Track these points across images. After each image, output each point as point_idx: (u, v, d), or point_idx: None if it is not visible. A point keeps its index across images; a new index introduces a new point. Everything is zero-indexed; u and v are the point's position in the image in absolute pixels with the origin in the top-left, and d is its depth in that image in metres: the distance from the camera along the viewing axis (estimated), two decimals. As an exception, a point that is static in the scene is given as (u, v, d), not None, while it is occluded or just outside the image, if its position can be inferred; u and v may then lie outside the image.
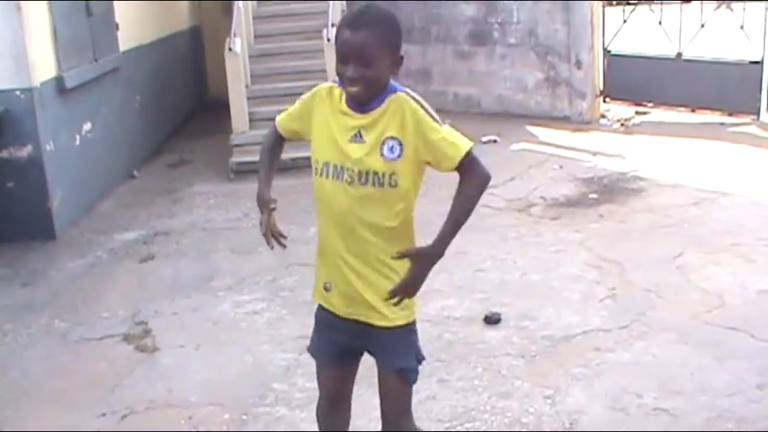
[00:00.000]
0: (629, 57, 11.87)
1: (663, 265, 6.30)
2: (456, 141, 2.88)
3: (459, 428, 4.29)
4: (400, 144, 2.86)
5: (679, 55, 11.28)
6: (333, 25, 10.31)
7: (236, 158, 9.88)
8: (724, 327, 5.24)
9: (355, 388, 3.41)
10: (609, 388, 4.59)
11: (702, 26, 11.05)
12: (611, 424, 4.27)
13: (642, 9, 11.91)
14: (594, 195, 8.14)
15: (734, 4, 11.53)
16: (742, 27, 10.73)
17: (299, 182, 8.84)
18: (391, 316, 3.00)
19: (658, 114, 11.65)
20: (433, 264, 2.90)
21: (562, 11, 11.55)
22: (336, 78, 2.95)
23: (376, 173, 2.87)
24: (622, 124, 11.39)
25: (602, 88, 11.84)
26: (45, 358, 5.46)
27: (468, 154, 2.88)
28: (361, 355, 3.23)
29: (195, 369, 5.15)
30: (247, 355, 5.27)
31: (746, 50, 10.81)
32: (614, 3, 12.85)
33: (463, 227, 2.94)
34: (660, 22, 11.33)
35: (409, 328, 3.08)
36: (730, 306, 5.54)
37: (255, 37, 11.63)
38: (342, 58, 2.82)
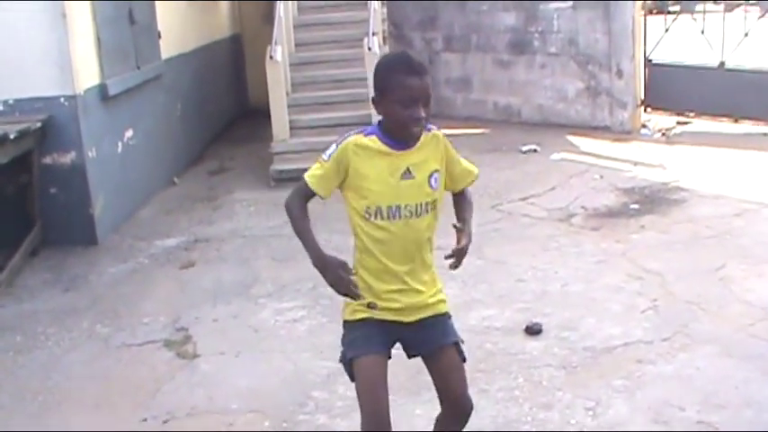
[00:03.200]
0: (670, 66, 11.77)
1: (705, 276, 6.24)
2: (471, 169, 3.47)
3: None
4: (440, 174, 3.29)
5: (722, 64, 11.18)
6: (373, 34, 10.34)
7: (277, 166, 9.93)
8: (768, 340, 5.18)
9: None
10: (651, 400, 4.55)
11: (746, 35, 10.94)
12: (653, 437, 4.23)
13: (684, 18, 11.83)
14: (636, 206, 8.08)
15: (778, 13, 11.44)
16: (786, 36, 10.64)
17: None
18: (440, 305, 3.38)
19: (700, 124, 11.54)
20: (470, 242, 3.33)
21: (603, 20, 11.49)
22: (351, 132, 3.29)
23: (426, 203, 3.24)
24: (663, 134, 11.29)
25: (643, 98, 11.75)
26: (87, 363, 5.51)
27: (474, 178, 3.49)
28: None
29: (235, 376, 5.16)
30: (288, 362, 5.28)
31: (790, 60, 10.71)
32: (656, 12, 12.77)
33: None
34: (702, 31, 11.23)
35: (448, 315, 3.44)
36: (775, 319, 5.47)
37: (296, 45, 11.68)
38: (411, 102, 3.10)
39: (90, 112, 7.71)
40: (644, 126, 11.67)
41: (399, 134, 3.18)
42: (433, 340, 3.36)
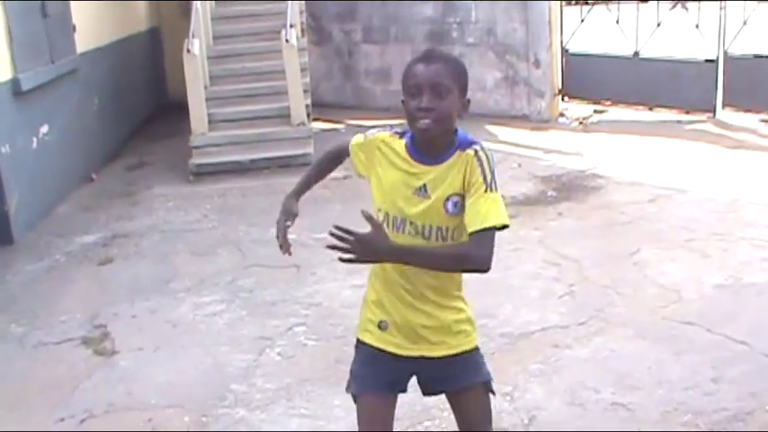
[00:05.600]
0: (586, 56, 11.98)
1: (620, 261, 6.37)
2: (489, 214, 2.73)
3: (418, 427, 4.30)
4: (462, 198, 2.79)
5: (636, 54, 11.40)
6: (291, 26, 10.32)
7: (196, 160, 9.85)
8: (680, 321, 5.30)
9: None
10: (567, 384, 4.63)
11: (659, 25, 11.17)
12: (569, 419, 4.31)
13: (599, 8, 12.04)
14: (553, 193, 8.20)
15: (689, 4, 11.70)
16: (697, 26, 10.88)
17: (257, 183, 8.86)
18: (465, 341, 3.03)
19: (616, 113, 11.77)
20: (381, 252, 2.73)
21: (520, 10, 11.62)
22: (394, 128, 2.97)
23: (440, 228, 2.83)
24: (581, 123, 11.48)
25: (560, 87, 11.93)
26: (2, 363, 5.41)
27: (491, 229, 2.73)
28: (404, 391, 3.13)
29: (154, 371, 5.12)
30: (207, 356, 5.25)
31: (702, 49, 10.94)
32: (572, 2, 12.96)
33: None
34: (617, 22, 11.45)
35: (477, 351, 3.10)
36: (686, 301, 5.61)
37: (214, 38, 11.60)
38: (415, 90, 2.78)
39: (2, 108, 7.56)
40: (561, 115, 11.85)
41: (415, 133, 2.83)
42: (456, 377, 3.05)
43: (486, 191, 2.75)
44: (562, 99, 12.03)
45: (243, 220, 7.86)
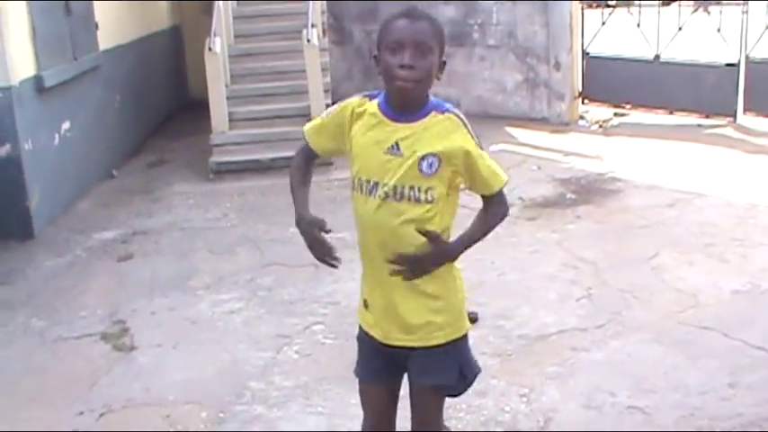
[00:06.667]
0: (607, 59, 11.93)
1: (638, 265, 6.36)
2: (498, 172, 2.90)
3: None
4: (439, 161, 2.77)
5: (657, 57, 11.37)
6: (312, 26, 10.35)
7: (216, 158, 9.89)
8: (697, 326, 5.29)
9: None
10: (583, 386, 4.64)
11: (680, 29, 11.14)
12: (585, 422, 4.32)
13: (620, 11, 11.99)
14: (572, 196, 8.19)
15: (711, 8, 11.66)
16: (719, 30, 10.82)
17: (276, 182, 8.87)
18: (427, 336, 2.92)
19: (636, 116, 11.73)
20: (444, 260, 2.88)
21: (541, 13, 11.61)
22: (365, 93, 2.93)
23: (412, 187, 2.77)
24: (600, 126, 11.46)
25: (580, 90, 11.91)
26: (22, 357, 5.46)
27: (501, 188, 2.93)
28: (405, 371, 3.10)
29: (173, 368, 5.16)
30: (225, 353, 5.29)
31: (723, 53, 10.90)
32: (593, 5, 12.92)
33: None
34: (638, 25, 11.40)
35: (450, 347, 2.97)
36: (704, 306, 5.60)
37: (235, 37, 11.64)
38: (397, 46, 2.73)
39: (25, 104, 7.62)
40: (581, 117, 11.83)
41: (391, 91, 2.79)
42: (414, 373, 3.02)
43: (481, 156, 2.84)
44: (582, 102, 12.01)
45: (262, 219, 7.89)
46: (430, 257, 2.83)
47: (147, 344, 5.50)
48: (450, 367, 2.99)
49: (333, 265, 3.03)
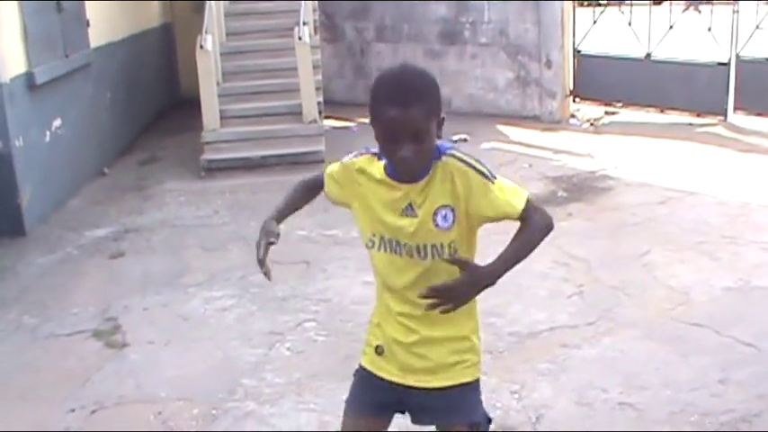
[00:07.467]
0: (598, 57, 11.97)
1: (630, 262, 6.38)
2: (510, 198, 2.66)
3: (426, 423, 4.33)
4: (453, 211, 2.63)
5: (648, 56, 11.40)
6: (304, 23, 10.35)
7: (207, 156, 9.89)
8: (689, 323, 5.32)
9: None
10: (575, 383, 4.65)
11: (671, 27, 11.18)
12: (576, 418, 4.33)
13: (612, 10, 12.03)
14: (563, 194, 8.21)
15: (702, 6, 11.70)
16: (709, 29, 10.86)
17: (269, 180, 8.90)
18: (457, 375, 2.81)
19: (627, 114, 11.77)
20: (482, 286, 2.65)
21: (532, 11, 11.63)
22: (370, 149, 2.76)
23: (434, 246, 2.66)
24: (592, 124, 11.49)
25: (571, 88, 11.94)
26: (14, 354, 5.45)
27: (526, 205, 2.70)
28: (401, 412, 2.96)
29: (165, 365, 5.16)
30: (217, 350, 5.29)
31: (714, 52, 10.93)
32: (585, 3, 12.95)
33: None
34: (630, 23, 11.43)
35: (476, 383, 2.88)
36: (695, 303, 5.62)
37: (227, 34, 11.63)
38: (392, 138, 2.54)
39: (16, 101, 7.60)
40: (573, 116, 11.86)
41: (394, 169, 2.66)
42: (445, 413, 2.84)
43: (493, 184, 2.62)
44: (573, 100, 12.03)
45: (254, 217, 7.85)
46: (466, 284, 2.62)
47: (138, 341, 5.50)
48: (478, 404, 2.90)
49: (268, 277, 2.95)
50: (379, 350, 2.85)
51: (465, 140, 10.56)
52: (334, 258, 6.60)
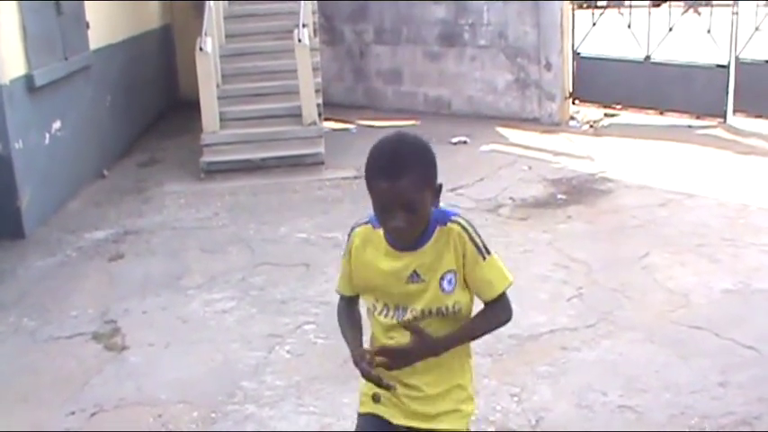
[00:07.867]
0: (598, 59, 11.96)
1: (629, 265, 6.38)
2: (492, 279, 2.71)
3: (426, 426, 4.32)
4: (455, 275, 2.69)
5: (647, 58, 11.40)
6: (304, 26, 10.35)
7: (207, 158, 9.89)
8: (688, 326, 5.31)
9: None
10: (575, 386, 4.65)
11: (670, 30, 11.17)
12: (576, 421, 4.33)
13: (611, 12, 12.04)
14: (563, 196, 8.21)
15: (701, 8, 11.71)
16: (709, 31, 10.85)
17: (269, 182, 8.89)
18: (454, 421, 2.85)
19: (627, 116, 11.76)
20: (426, 353, 2.70)
21: (532, 13, 11.63)
22: (369, 221, 2.78)
23: (440, 308, 2.70)
24: (591, 126, 11.49)
25: (571, 90, 11.93)
26: (13, 357, 5.45)
27: (502, 295, 2.74)
28: None
29: (164, 367, 5.16)
30: (217, 353, 5.29)
31: (713, 54, 10.93)
32: (584, 5, 12.95)
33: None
34: (629, 26, 11.43)
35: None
36: (695, 305, 5.62)
37: (226, 37, 11.63)
38: (384, 209, 2.58)
39: (16, 103, 7.60)
40: (572, 118, 11.86)
41: (390, 237, 2.71)
42: None
43: (483, 260, 2.68)
44: (573, 102, 12.03)
45: (253, 219, 7.88)
46: (413, 351, 2.68)
47: (138, 343, 5.50)
48: None
49: (383, 386, 2.75)
50: (375, 398, 2.86)
51: (465, 142, 10.57)
52: (334, 261, 6.55)
